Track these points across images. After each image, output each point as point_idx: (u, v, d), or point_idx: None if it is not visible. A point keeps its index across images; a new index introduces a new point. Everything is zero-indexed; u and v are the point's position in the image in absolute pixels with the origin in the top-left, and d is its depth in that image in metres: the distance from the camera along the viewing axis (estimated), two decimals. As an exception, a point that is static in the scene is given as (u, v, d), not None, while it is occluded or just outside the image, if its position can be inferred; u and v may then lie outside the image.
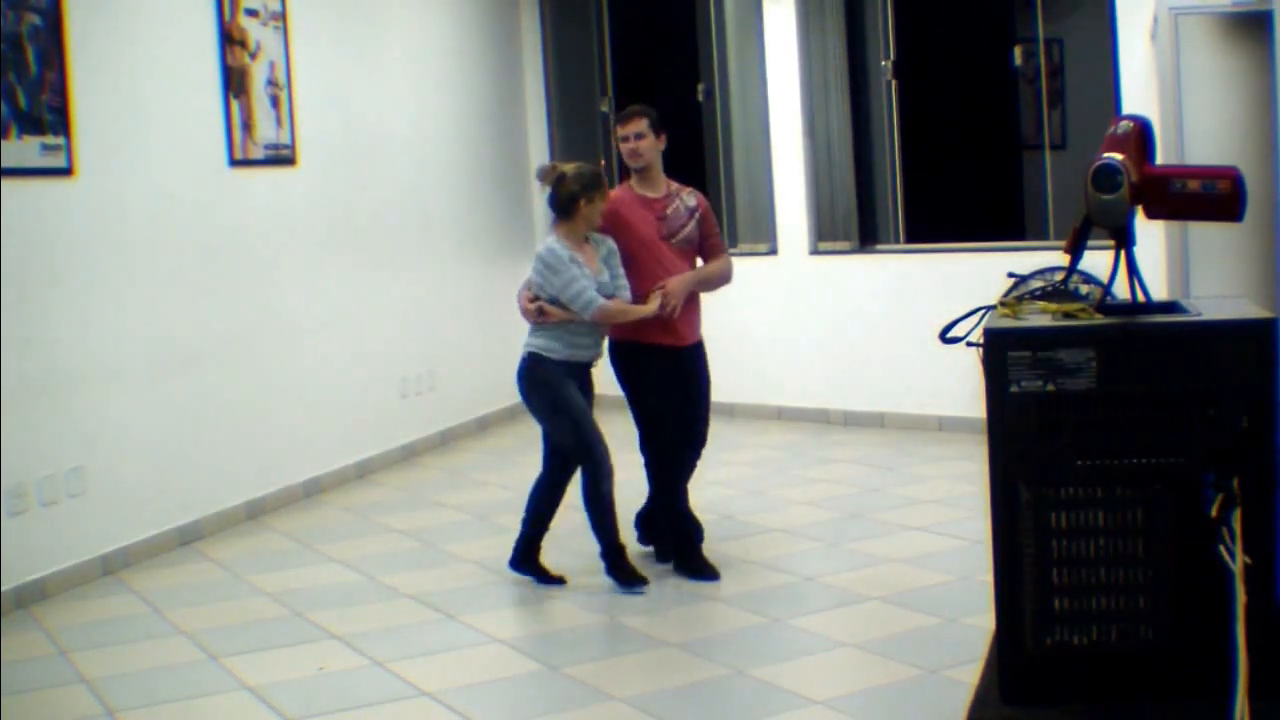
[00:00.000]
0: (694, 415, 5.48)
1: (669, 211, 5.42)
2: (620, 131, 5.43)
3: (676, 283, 5.30)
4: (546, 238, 5.27)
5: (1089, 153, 3.40)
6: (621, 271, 5.27)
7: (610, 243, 5.30)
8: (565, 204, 5.17)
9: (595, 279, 5.15)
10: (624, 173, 5.61)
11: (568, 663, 4.58)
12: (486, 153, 9.21)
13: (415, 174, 8.40)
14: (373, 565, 5.85)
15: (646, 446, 5.44)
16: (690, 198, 5.52)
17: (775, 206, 8.82)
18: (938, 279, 8.02)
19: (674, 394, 5.40)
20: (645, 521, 5.69)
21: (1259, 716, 2.96)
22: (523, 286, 5.27)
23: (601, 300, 5.11)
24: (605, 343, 5.36)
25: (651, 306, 5.23)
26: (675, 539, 5.49)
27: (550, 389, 5.21)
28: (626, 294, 5.24)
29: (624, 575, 5.24)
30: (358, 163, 7.82)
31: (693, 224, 5.45)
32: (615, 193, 5.52)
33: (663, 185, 5.49)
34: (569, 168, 5.23)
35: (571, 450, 5.25)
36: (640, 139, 5.39)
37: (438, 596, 5.34)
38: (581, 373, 5.27)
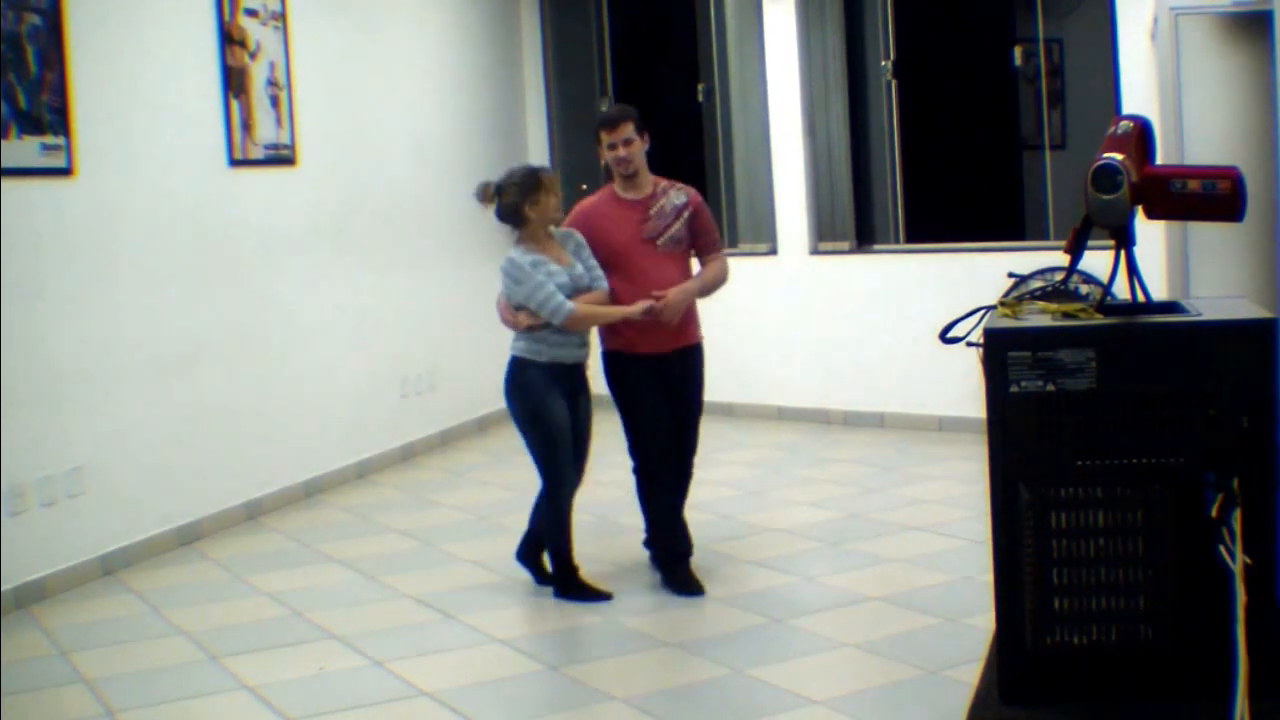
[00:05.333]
0: (682, 423, 5.34)
1: (653, 212, 5.24)
2: (608, 139, 5.18)
3: (677, 294, 5.12)
4: (510, 250, 5.14)
5: (1089, 153, 3.40)
6: (594, 263, 5.14)
7: (577, 236, 5.18)
8: (510, 214, 5.11)
9: (569, 272, 5.04)
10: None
11: (568, 663, 4.58)
12: (486, 153, 9.20)
13: (415, 174, 8.40)
14: (373, 565, 5.85)
15: (634, 456, 5.34)
16: (679, 195, 5.30)
17: (775, 206, 8.82)
18: (937, 279, 8.02)
19: (659, 403, 5.25)
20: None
21: (1259, 716, 2.97)
22: (500, 296, 5.19)
23: (569, 307, 4.99)
24: (594, 339, 5.26)
25: (634, 309, 5.06)
26: (664, 554, 5.35)
27: (532, 398, 5.10)
28: (603, 284, 5.12)
29: (576, 593, 5.19)
30: (358, 163, 7.82)
31: (679, 223, 5.25)
32: (591, 200, 5.40)
33: (648, 185, 5.28)
34: (503, 179, 5.14)
35: (537, 462, 5.18)
36: (629, 144, 5.18)
37: (438, 596, 5.34)
38: (569, 374, 5.16)
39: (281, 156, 7.14)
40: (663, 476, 5.32)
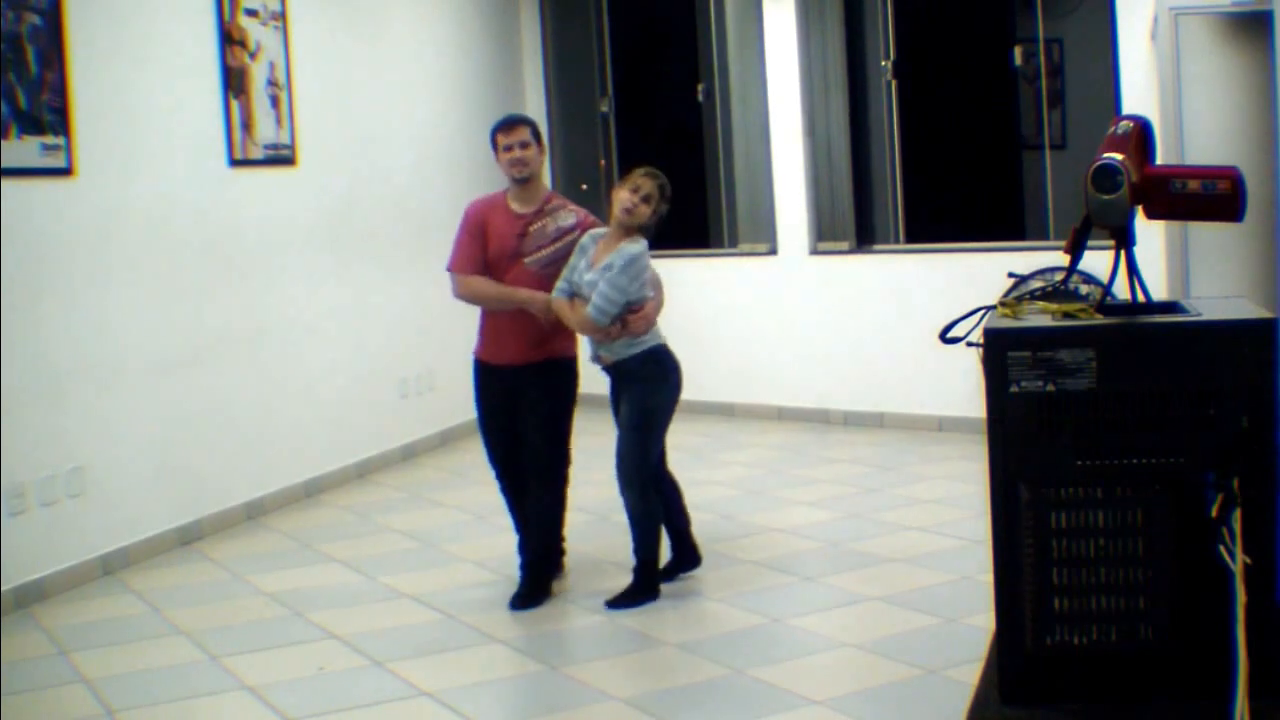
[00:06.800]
0: (533, 436, 5.22)
1: (532, 229, 5.18)
2: (504, 140, 5.23)
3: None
4: None
5: (1089, 153, 3.39)
6: (610, 271, 4.92)
7: (633, 250, 4.96)
8: None
9: (584, 272, 5.01)
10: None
11: (568, 663, 4.59)
12: (486, 153, 9.15)
13: (415, 174, 8.40)
14: (373, 565, 5.85)
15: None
16: (568, 216, 5.24)
17: (775, 206, 8.82)
18: (937, 279, 8.02)
19: (504, 417, 5.25)
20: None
21: (1259, 716, 2.97)
22: None
23: (555, 295, 5.07)
24: (615, 343, 5.05)
25: (541, 302, 5.08)
26: (528, 557, 5.35)
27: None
28: (585, 291, 4.95)
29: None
30: (358, 163, 7.82)
31: (559, 245, 5.17)
32: (487, 198, 5.39)
33: (538, 200, 5.25)
34: None
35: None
36: (525, 148, 5.20)
37: (438, 596, 5.34)
38: (611, 374, 5.13)
39: (281, 156, 7.14)
40: (512, 483, 5.40)
